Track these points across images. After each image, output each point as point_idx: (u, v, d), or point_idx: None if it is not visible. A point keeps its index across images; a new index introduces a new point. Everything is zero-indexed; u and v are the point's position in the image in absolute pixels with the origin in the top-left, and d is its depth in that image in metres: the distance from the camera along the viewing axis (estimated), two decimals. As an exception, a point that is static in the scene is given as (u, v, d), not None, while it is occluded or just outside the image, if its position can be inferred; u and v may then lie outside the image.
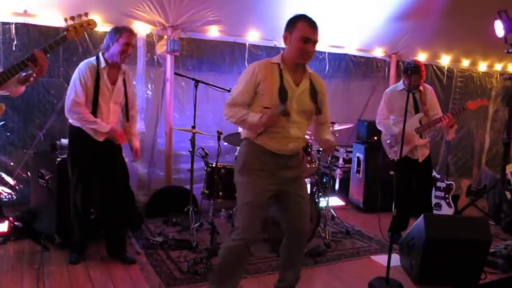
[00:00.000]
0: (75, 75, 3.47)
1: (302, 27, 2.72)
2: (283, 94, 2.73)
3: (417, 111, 4.53)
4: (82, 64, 3.50)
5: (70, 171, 3.67)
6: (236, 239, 2.77)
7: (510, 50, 5.37)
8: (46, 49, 2.69)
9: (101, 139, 3.54)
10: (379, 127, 4.77)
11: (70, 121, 3.59)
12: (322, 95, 2.95)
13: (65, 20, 2.72)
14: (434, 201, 5.13)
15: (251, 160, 2.82)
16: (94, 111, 3.51)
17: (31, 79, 2.69)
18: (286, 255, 3.08)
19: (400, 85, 4.58)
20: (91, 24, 2.82)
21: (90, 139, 3.52)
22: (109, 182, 3.69)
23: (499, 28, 5.35)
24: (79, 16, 2.74)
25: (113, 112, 3.62)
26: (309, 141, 4.62)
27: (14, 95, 2.81)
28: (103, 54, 3.53)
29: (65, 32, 2.73)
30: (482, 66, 7.65)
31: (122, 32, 3.44)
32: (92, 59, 3.54)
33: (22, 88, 2.82)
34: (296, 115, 2.79)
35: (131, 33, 3.50)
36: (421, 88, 4.54)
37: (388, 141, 4.66)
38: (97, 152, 3.57)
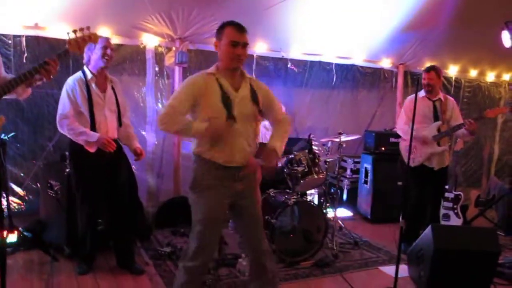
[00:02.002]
0: (63, 90, 3.57)
1: (229, 32, 2.73)
2: (226, 100, 2.69)
3: (436, 119, 4.56)
4: (69, 79, 3.60)
5: (74, 186, 3.72)
6: (193, 260, 2.72)
7: (518, 60, 5.37)
8: (59, 56, 2.75)
9: (92, 150, 3.56)
10: (399, 133, 4.80)
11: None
12: (267, 94, 2.91)
13: (68, 34, 2.76)
14: (442, 211, 5.10)
15: (201, 176, 2.75)
16: (92, 122, 3.57)
17: (38, 82, 2.73)
18: (255, 272, 2.96)
19: (422, 92, 4.60)
20: (92, 37, 2.85)
21: (90, 152, 3.57)
22: (115, 193, 3.73)
23: (507, 39, 5.37)
24: (81, 29, 2.78)
25: (110, 120, 3.67)
26: (317, 151, 4.63)
27: (21, 97, 2.86)
28: (86, 66, 3.62)
29: (66, 46, 2.77)
30: (490, 76, 7.62)
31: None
32: (78, 73, 3.62)
33: (29, 91, 2.87)
34: (239, 122, 2.72)
35: (106, 38, 3.63)
36: (441, 97, 4.58)
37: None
38: (100, 164, 3.60)
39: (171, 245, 4.36)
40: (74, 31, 2.77)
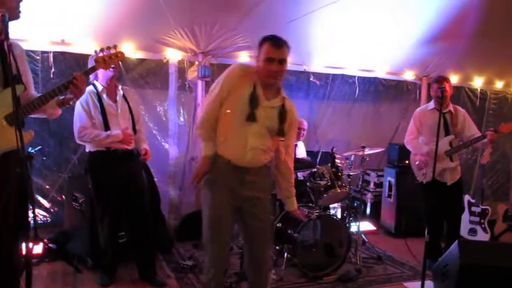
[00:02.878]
0: (77, 104, 3.61)
1: (266, 48, 2.72)
2: (253, 99, 2.72)
3: (447, 133, 4.46)
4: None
5: (94, 199, 3.78)
6: (207, 273, 2.83)
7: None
8: (86, 73, 2.80)
9: (119, 147, 3.65)
10: (407, 147, 4.74)
11: (87, 149, 3.74)
12: (291, 121, 2.90)
13: (95, 52, 2.81)
14: (469, 226, 4.99)
15: (214, 175, 2.82)
16: (107, 130, 3.64)
17: (71, 102, 2.78)
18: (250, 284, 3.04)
19: (431, 104, 4.54)
20: (120, 56, 2.90)
21: (109, 165, 3.64)
22: (135, 204, 3.76)
23: (533, 49, 5.26)
24: (108, 48, 2.83)
25: (125, 128, 3.71)
26: (340, 165, 4.60)
27: (51, 117, 2.90)
28: (96, 81, 3.70)
29: (94, 64, 2.82)
30: (517, 87, 7.49)
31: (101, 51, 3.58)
32: (89, 87, 3.64)
33: (59, 111, 2.91)
34: (260, 125, 2.75)
35: (108, 48, 3.61)
36: (451, 109, 4.48)
37: (416, 162, 4.59)
38: (118, 176, 3.65)
39: (193, 258, 4.37)
40: (102, 50, 2.82)
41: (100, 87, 3.68)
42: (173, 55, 5.16)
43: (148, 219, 3.86)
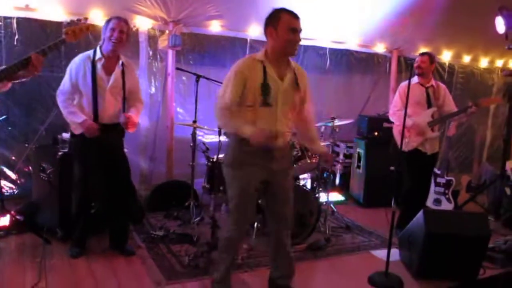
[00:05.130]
0: (68, 66, 3.55)
1: (287, 18, 2.78)
2: (265, 89, 2.79)
3: (429, 105, 4.62)
4: (78, 56, 3.56)
5: (75, 166, 3.71)
6: (231, 229, 3.01)
7: (511, 47, 5.38)
8: (45, 51, 2.71)
9: (76, 132, 3.57)
10: (392, 118, 4.83)
11: None
12: (305, 86, 3.00)
13: (64, 22, 2.73)
14: (434, 196, 5.14)
15: (238, 153, 2.91)
16: (95, 103, 3.53)
17: (23, 79, 2.71)
18: (275, 245, 3.19)
19: (415, 79, 4.62)
20: (90, 28, 2.83)
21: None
22: (112, 176, 3.72)
23: (500, 25, 5.35)
24: (79, 20, 2.75)
25: (110, 103, 3.60)
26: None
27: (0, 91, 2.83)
28: (100, 47, 3.55)
29: (64, 36, 2.74)
30: (483, 62, 7.64)
31: (110, 20, 3.49)
32: (90, 51, 3.56)
33: (9, 85, 2.83)
34: (281, 109, 2.87)
35: (118, 19, 3.51)
36: (433, 83, 4.64)
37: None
38: (99, 147, 3.58)
39: (164, 228, 4.37)
40: (72, 21, 2.74)
41: (98, 55, 3.52)
42: (143, 24, 5.04)
43: (121, 190, 3.82)
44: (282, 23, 2.77)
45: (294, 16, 2.80)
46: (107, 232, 3.94)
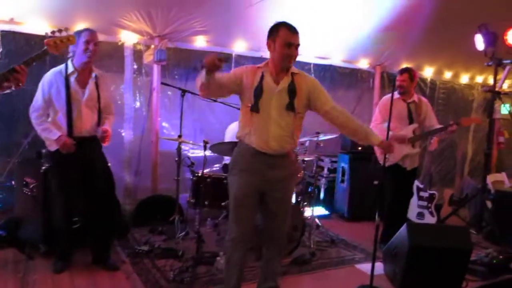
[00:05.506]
0: (40, 82, 3.54)
1: (284, 33, 2.87)
2: (257, 91, 2.91)
3: (411, 121, 4.63)
4: (49, 72, 3.56)
5: (51, 180, 3.70)
6: (231, 231, 3.06)
7: (489, 63, 5.52)
8: (28, 62, 2.71)
9: (52, 148, 3.55)
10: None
11: None
12: (313, 87, 3.05)
13: (46, 34, 2.74)
14: (417, 210, 5.21)
15: (238, 159, 3.04)
16: (69, 118, 3.52)
17: (7, 90, 2.70)
18: (264, 261, 3.26)
19: (397, 93, 4.68)
20: (71, 39, 2.83)
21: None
22: (92, 190, 3.69)
23: (479, 42, 5.51)
24: (60, 31, 2.75)
25: (87, 117, 3.60)
26: (295, 150, 4.66)
27: None
28: (71, 60, 3.56)
29: (46, 47, 2.74)
30: (464, 78, 7.81)
31: (81, 33, 3.49)
32: (61, 66, 3.56)
33: None
34: (276, 112, 2.94)
35: (90, 31, 3.53)
36: (415, 99, 4.66)
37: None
38: (77, 161, 3.56)
39: (149, 243, 4.35)
40: (53, 32, 2.74)
41: (70, 69, 3.52)
42: (128, 38, 5.06)
43: (102, 204, 3.80)
44: (280, 37, 2.87)
45: (292, 31, 2.88)
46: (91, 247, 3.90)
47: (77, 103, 3.54)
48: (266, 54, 3.13)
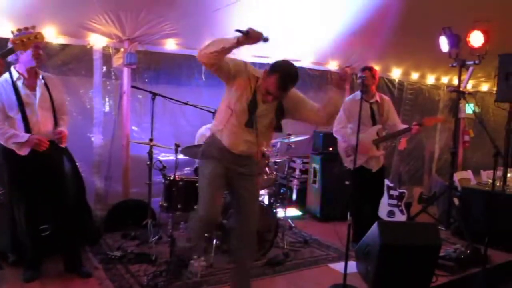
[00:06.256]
0: None
1: (273, 81, 2.94)
2: (252, 105, 3.00)
3: (374, 123, 4.68)
4: None
5: (8, 190, 3.61)
6: (200, 212, 3.12)
7: (454, 64, 5.68)
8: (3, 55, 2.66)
9: (24, 153, 3.45)
10: (336, 135, 4.88)
11: None
12: (294, 98, 3.24)
13: (12, 32, 2.69)
14: (387, 208, 5.29)
15: (210, 149, 3.14)
16: (26, 123, 3.45)
17: None
18: (235, 258, 3.33)
19: (358, 94, 4.72)
20: (39, 37, 2.78)
21: (25, 156, 3.45)
22: (57, 196, 3.62)
23: (444, 44, 5.66)
24: (26, 28, 2.71)
25: (45, 118, 3.55)
26: (266, 152, 4.68)
27: None
28: (14, 67, 3.50)
29: (12, 45, 2.69)
30: (430, 79, 8.00)
31: None
32: (5, 75, 3.45)
33: None
34: (263, 129, 3.11)
35: None
36: (377, 99, 4.70)
37: (344, 150, 4.79)
38: (35, 165, 3.48)
39: (122, 248, 4.30)
40: (19, 30, 2.69)
41: (15, 75, 3.46)
42: (97, 41, 4.98)
43: (72, 210, 3.73)
44: (270, 80, 2.94)
45: (280, 87, 2.93)
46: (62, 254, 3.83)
47: (31, 106, 3.48)
48: (236, 56, 3.16)
